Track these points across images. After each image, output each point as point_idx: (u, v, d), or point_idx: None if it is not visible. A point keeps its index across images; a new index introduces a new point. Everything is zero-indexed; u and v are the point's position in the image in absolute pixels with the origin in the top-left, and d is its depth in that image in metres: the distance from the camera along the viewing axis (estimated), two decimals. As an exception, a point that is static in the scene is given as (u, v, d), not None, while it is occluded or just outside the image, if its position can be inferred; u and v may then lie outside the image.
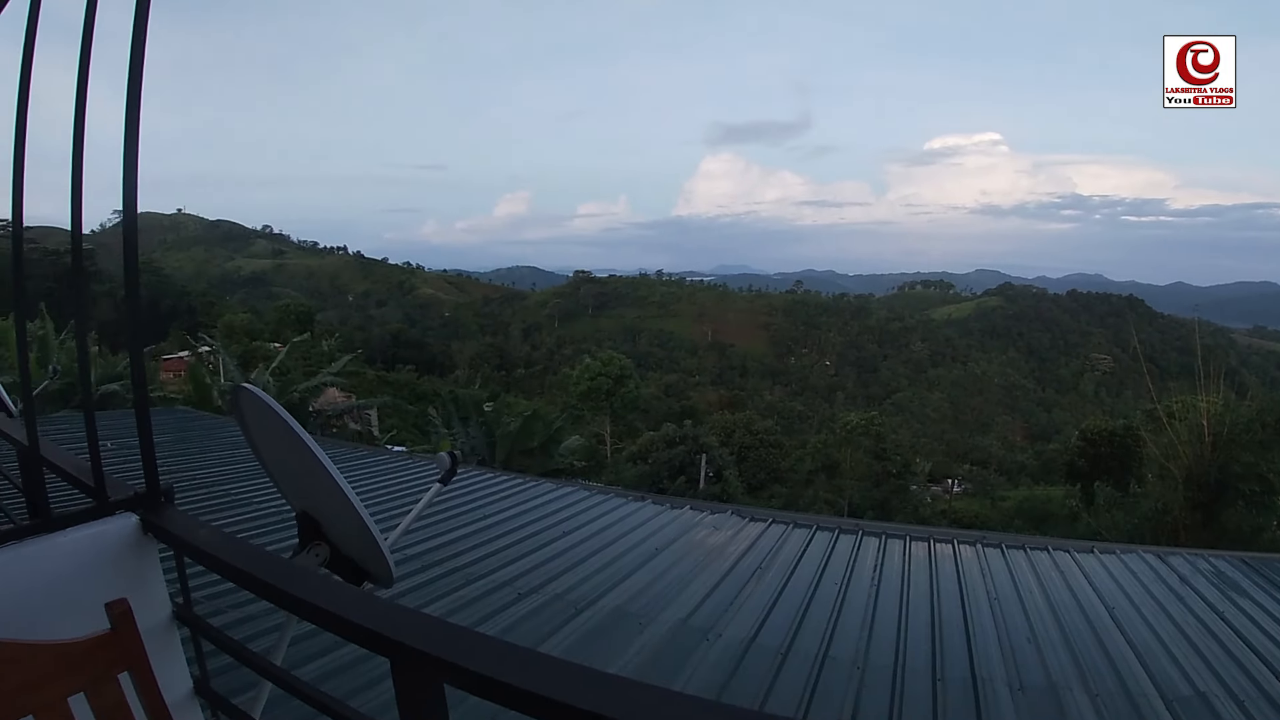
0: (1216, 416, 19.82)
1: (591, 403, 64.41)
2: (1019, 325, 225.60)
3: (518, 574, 7.81)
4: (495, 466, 21.42)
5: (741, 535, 10.21)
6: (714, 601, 7.54)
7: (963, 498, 68.28)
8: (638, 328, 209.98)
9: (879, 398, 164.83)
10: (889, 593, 8.27)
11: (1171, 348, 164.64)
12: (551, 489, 11.87)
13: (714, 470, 43.96)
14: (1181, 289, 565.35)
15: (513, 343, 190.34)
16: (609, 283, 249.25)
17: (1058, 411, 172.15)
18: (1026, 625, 7.67)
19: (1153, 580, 9.72)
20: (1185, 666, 7.01)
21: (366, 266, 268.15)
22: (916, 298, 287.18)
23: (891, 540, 10.41)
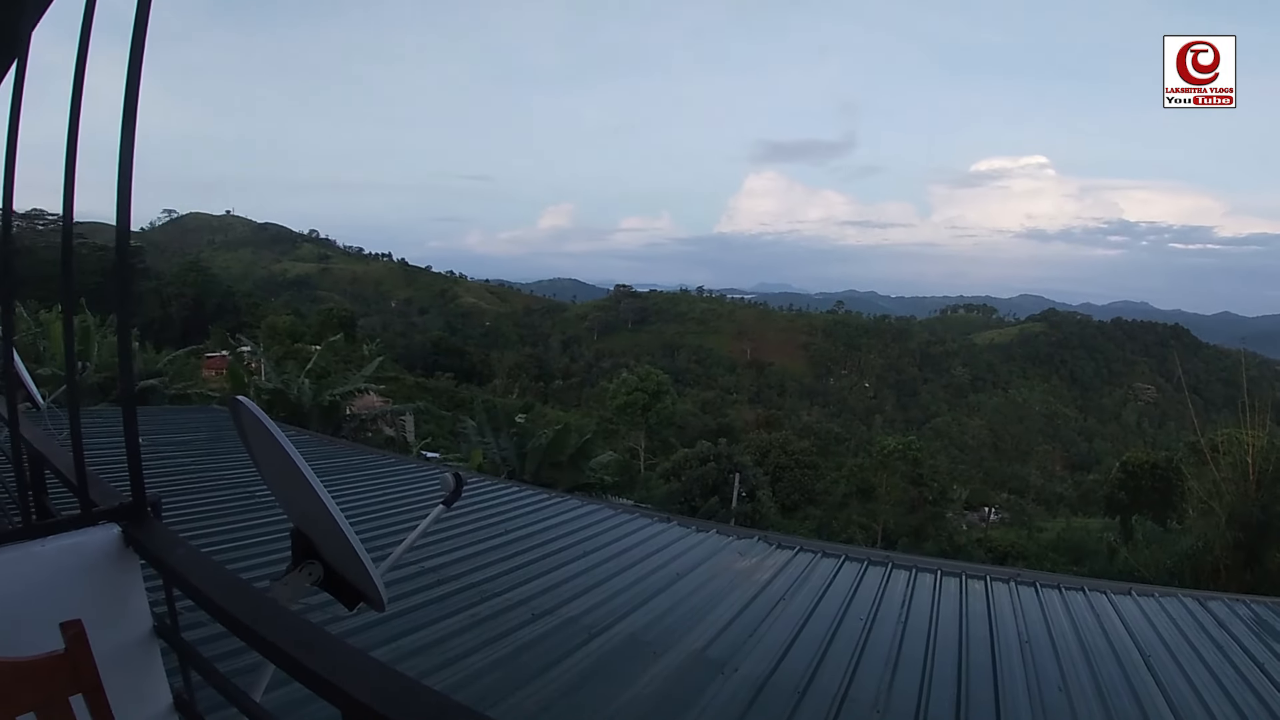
0: (1261, 453, 19.33)
1: (627, 417, 64.32)
2: (1062, 352, 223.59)
3: (534, 593, 7.66)
4: (525, 479, 21.35)
5: (767, 563, 9.99)
6: (733, 632, 7.33)
7: (999, 527, 67.61)
8: (677, 343, 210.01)
9: (918, 422, 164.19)
10: (916, 631, 8.01)
11: (1216, 379, 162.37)
12: (576, 506, 11.73)
13: (747, 490, 43.66)
14: (1228, 319, 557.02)
15: (552, 354, 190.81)
16: (649, 297, 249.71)
17: (1099, 441, 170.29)
18: (1058, 671, 7.39)
19: (1191, 626, 9.39)
20: (1221, 721, 6.72)
21: (410, 274, 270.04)
22: (958, 321, 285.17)
23: (922, 574, 10.15)
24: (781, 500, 57.42)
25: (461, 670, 5.74)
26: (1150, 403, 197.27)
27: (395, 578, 7.38)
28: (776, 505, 52.79)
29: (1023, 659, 7.55)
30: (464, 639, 6.33)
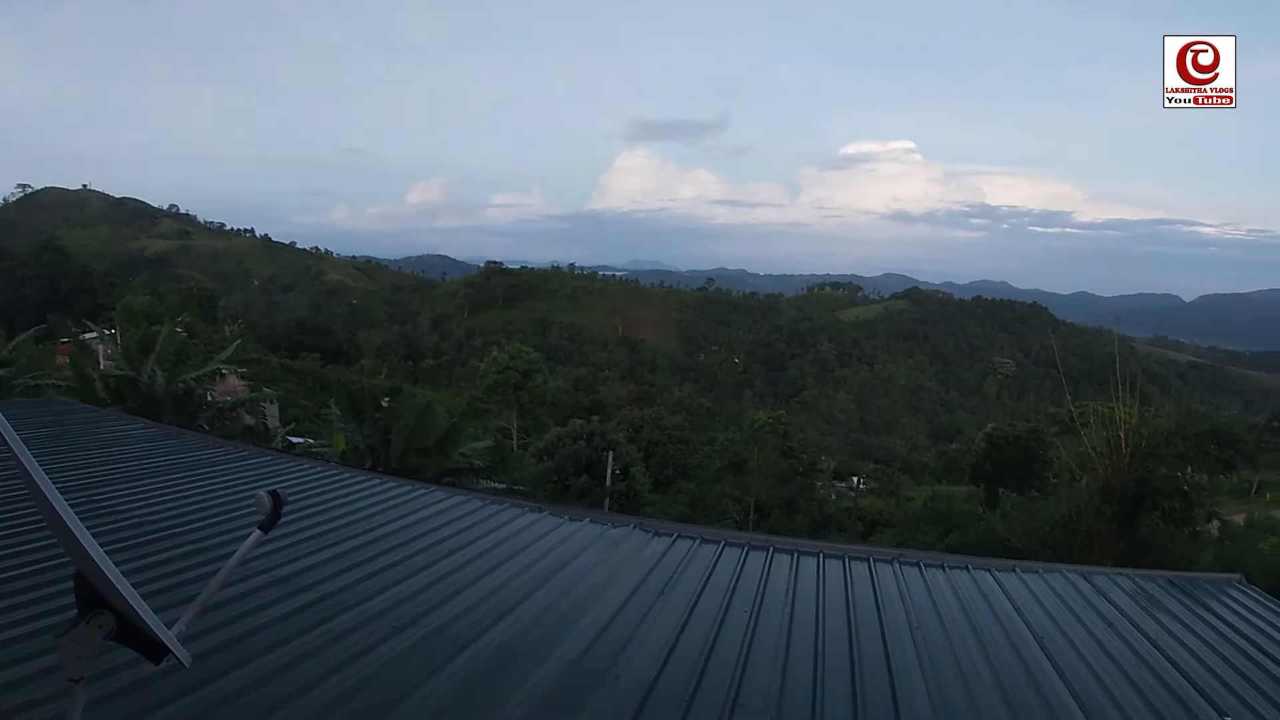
0: (1133, 427, 19.83)
1: (499, 396, 63.45)
2: (925, 329, 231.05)
3: (395, 601, 7.07)
4: (391, 466, 20.52)
5: (645, 552, 9.60)
6: (613, 634, 6.89)
7: (868, 495, 69.05)
8: (549, 320, 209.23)
9: (787, 396, 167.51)
10: (803, 622, 7.73)
11: (1074, 354, 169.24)
12: (443, 498, 11.08)
13: (620, 467, 43.38)
14: (1085, 298, 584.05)
15: (421, 333, 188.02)
16: (521, 274, 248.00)
17: (961, 413, 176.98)
18: (953, 659, 7.24)
19: (1078, 603, 9.45)
20: (1123, 704, 6.68)
21: (274, 250, 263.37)
22: (825, 299, 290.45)
23: (805, 558, 9.90)
24: (655, 475, 57.54)
25: (317, 698, 5.17)
26: (1010, 376, 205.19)
27: (245, 590, 6.79)
28: (650, 481, 52.84)
29: (916, 648, 7.37)
30: (320, 659, 5.75)
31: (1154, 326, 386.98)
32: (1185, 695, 7.00)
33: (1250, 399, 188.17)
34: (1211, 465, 21.23)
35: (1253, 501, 63.10)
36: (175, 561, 7.36)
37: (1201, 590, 10.50)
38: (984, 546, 23.17)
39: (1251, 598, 10.36)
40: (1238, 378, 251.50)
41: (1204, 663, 7.82)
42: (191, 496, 9.75)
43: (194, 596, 3.05)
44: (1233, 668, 7.77)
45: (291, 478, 11.48)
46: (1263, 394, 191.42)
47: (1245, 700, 7.04)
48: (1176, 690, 7.09)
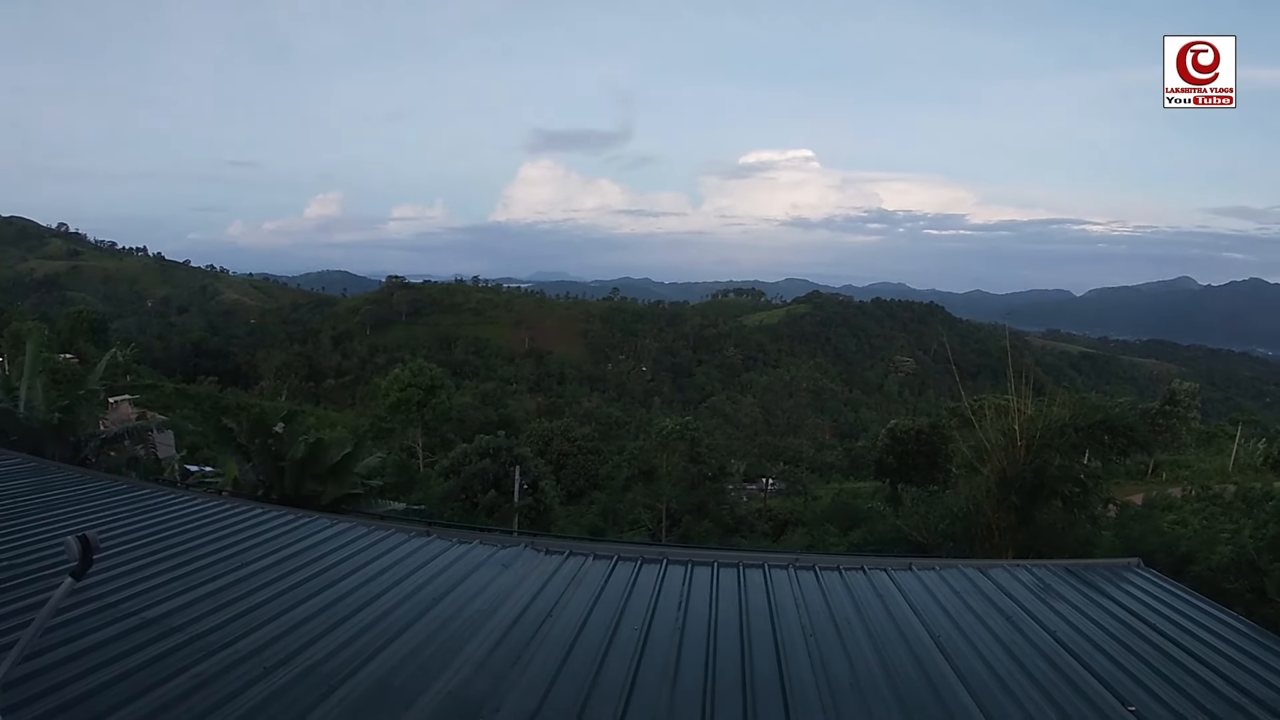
0: (1028, 419, 20.18)
1: (402, 414, 62.20)
2: (826, 331, 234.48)
3: (269, 640, 6.73)
4: (285, 494, 19.87)
5: (535, 572, 9.35)
6: (496, 662, 6.66)
7: (778, 496, 69.62)
8: (453, 335, 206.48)
9: (694, 402, 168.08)
10: (694, 637, 7.58)
11: (970, 350, 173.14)
12: (326, 526, 10.70)
13: (529, 481, 43.00)
14: (979, 296, 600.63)
15: (322, 351, 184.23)
16: (423, 289, 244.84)
17: (864, 411, 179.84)
18: (848, 666, 7.16)
19: (976, 598, 9.47)
20: (1023, 701, 6.66)
21: (168, 270, 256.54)
22: (729, 305, 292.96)
23: (699, 568, 9.77)
24: (567, 488, 57.34)
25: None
26: (910, 374, 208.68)
27: (111, 635, 6.46)
28: (561, 493, 52.59)
29: (810, 657, 7.27)
30: (183, 708, 5.43)
31: (1047, 321, 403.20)
32: (1087, 686, 7.01)
33: (1142, 385, 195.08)
34: (1105, 452, 21.78)
35: (1150, 482, 65.15)
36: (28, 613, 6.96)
37: (1100, 577, 10.61)
38: (889, 541, 23.40)
39: (1150, 581, 10.52)
40: (1130, 365, 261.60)
41: (1105, 651, 7.87)
42: (54, 536, 9.24)
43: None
44: (1134, 654, 7.84)
45: (168, 512, 10.98)
46: (1153, 380, 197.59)
47: (1148, 686, 7.09)
48: (1078, 682, 7.11)
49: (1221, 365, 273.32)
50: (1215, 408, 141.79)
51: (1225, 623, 9.00)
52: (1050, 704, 6.62)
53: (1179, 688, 7.08)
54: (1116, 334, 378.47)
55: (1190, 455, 79.12)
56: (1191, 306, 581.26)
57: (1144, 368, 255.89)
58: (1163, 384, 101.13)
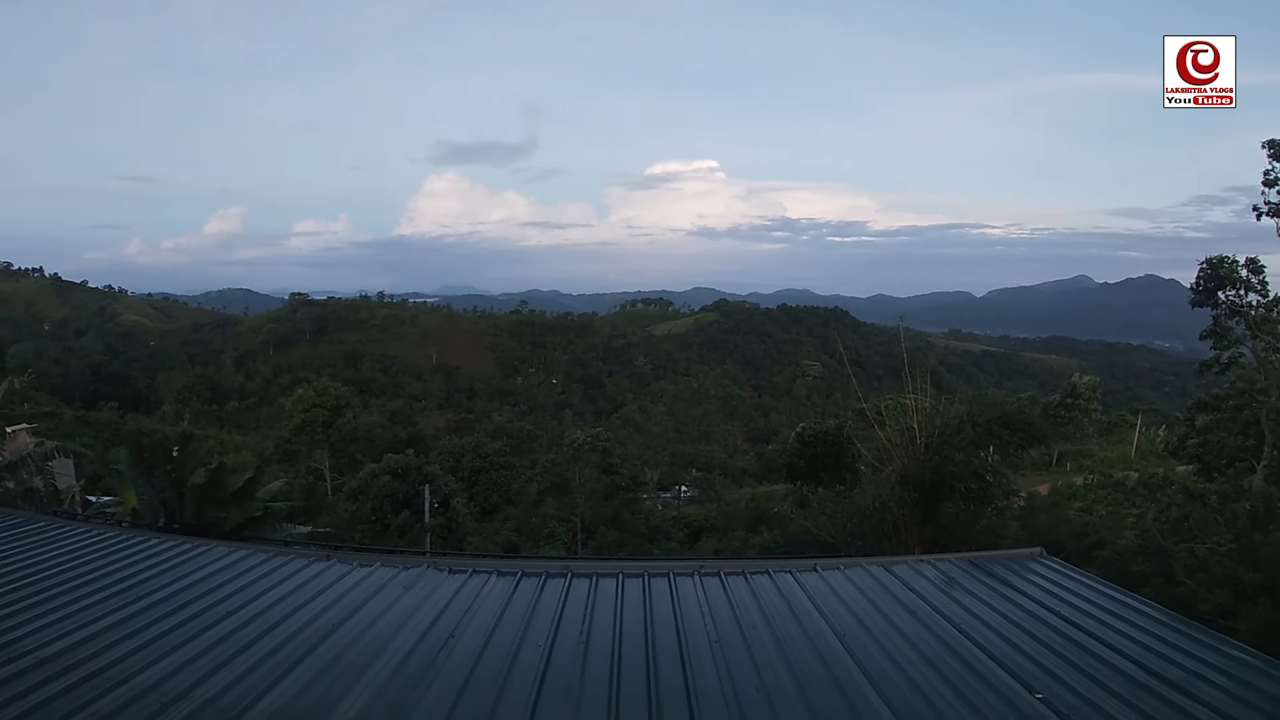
0: (927, 417, 20.52)
1: (307, 436, 60.91)
2: (735, 338, 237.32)
3: (166, 674, 6.53)
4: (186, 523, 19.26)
5: (436, 594, 9.16)
6: (397, 688, 6.53)
7: (692, 503, 69.80)
8: (359, 352, 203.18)
9: (606, 412, 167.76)
10: (599, 652, 7.52)
11: (876, 353, 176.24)
12: (225, 554, 10.37)
13: (440, 500, 42.39)
14: (883, 300, 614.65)
15: (225, 373, 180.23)
16: (328, 305, 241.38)
17: (774, 415, 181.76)
18: (754, 673, 7.13)
19: (881, 595, 9.53)
20: (932, 697, 6.71)
21: (65, 291, 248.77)
22: (638, 315, 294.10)
23: (604, 580, 9.67)
24: (480, 504, 56.84)
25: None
26: (818, 377, 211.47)
27: (4, 676, 6.28)
28: (475, 510, 52.11)
29: (715, 664, 7.24)
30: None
31: (949, 321, 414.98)
32: (993, 676, 7.09)
33: (1044, 380, 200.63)
34: (1005, 446, 22.22)
35: (1055, 472, 66.88)
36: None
37: (1004, 568, 10.77)
38: (799, 543, 23.57)
39: (1054, 569, 10.71)
40: (1031, 362, 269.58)
41: (1010, 641, 7.97)
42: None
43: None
44: (1039, 642, 7.95)
45: (64, 544, 10.63)
46: (1054, 375, 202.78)
47: (1054, 673, 7.19)
48: (984, 673, 7.18)
49: (1120, 358, 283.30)
50: (1116, 399, 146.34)
51: (1131, 606, 9.21)
52: (957, 696, 6.69)
53: (1085, 672, 7.20)
54: (1017, 332, 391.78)
55: (1093, 445, 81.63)
56: (1089, 304, 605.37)
57: (1045, 363, 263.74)
58: (1064, 378, 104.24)
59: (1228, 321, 29.43)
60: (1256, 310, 28.48)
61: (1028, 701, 6.63)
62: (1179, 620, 8.91)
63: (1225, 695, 6.79)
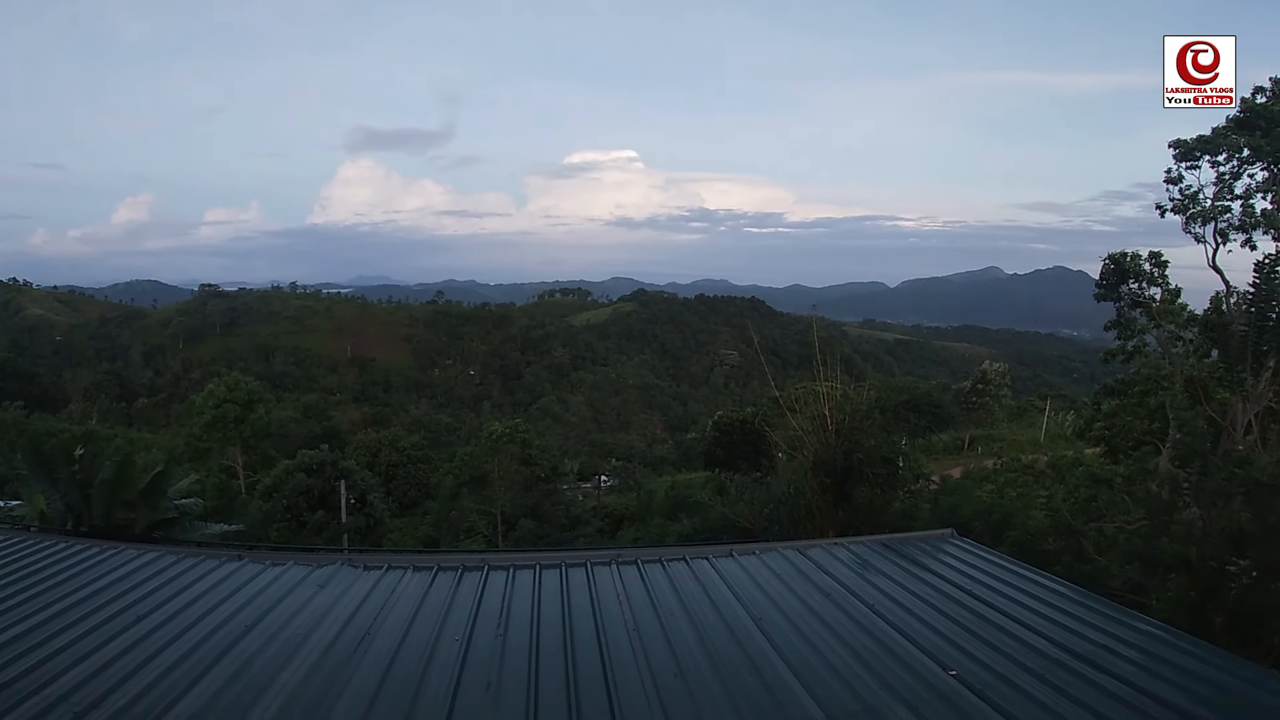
0: (838, 404, 20.86)
1: (219, 432, 59.49)
2: (653, 328, 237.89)
3: (77, 683, 6.36)
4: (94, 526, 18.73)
5: (352, 592, 9.01)
6: (311, 690, 6.42)
7: (612, 493, 69.95)
8: (271, 345, 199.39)
9: (525, 404, 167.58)
10: (517, 644, 7.49)
11: (792, 341, 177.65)
12: (134, 556, 10.06)
13: (356, 496, 41.85)
14: (799, 290, 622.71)
15: (134, 369, 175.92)
16: (239, 297, 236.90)
17: (693, 404, 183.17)
18: (671, 657, 7.18)
19: (796, 578, 9.63)
20: (847, 676, 6.81)
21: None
22: (556, 305, 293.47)
23: (521, 572, 9.62)
24: (398, 499, 56.38)
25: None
26: (735, 366, 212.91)
27: None
28: (393, 505, 51.67)
29: (633, 652, 7.27)
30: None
31: (864, 311, 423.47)
32: (907, 655, 7.24)
33: (955, 368, 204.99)
34: (914, 430, 22.75)
35: (967, 456, 68.41)
36: None
37: (916, 549, 10.98)
38: (718, 530, 23.80)
39: (964, 549, 10.99)
40: (943, 350, 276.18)
41: (923, 620, 8.15)
42: None
43: None
44: (952, 620, 8.14)
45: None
46: (965, 362, 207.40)
47: (966, 650, 7.36)
48: (898, 651, 7.32)
49: (1029, 346, 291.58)
50: (1025, 385, 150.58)
51: (1041, 584, 9.46)
52: (872, 675, 6.81)
53: (997, 648, 7.38)
54: (930, 321, 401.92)
55: (1004, 430, 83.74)
56: (1000, 294, 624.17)
57: (956, 351, 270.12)
58: (974, 365, 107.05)
59: (1130, 313, 30.62)
60: (1159, 303, 29.64)
61: (942, 678, 6.77)
62: (1089, 597, 9.19)
63: (1136, 668, 7.02)
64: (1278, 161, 28.40)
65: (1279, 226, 28.17)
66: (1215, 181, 29.11)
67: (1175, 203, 29.08)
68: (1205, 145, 29.43)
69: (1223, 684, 6.91)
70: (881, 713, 6.20)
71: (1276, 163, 28.47)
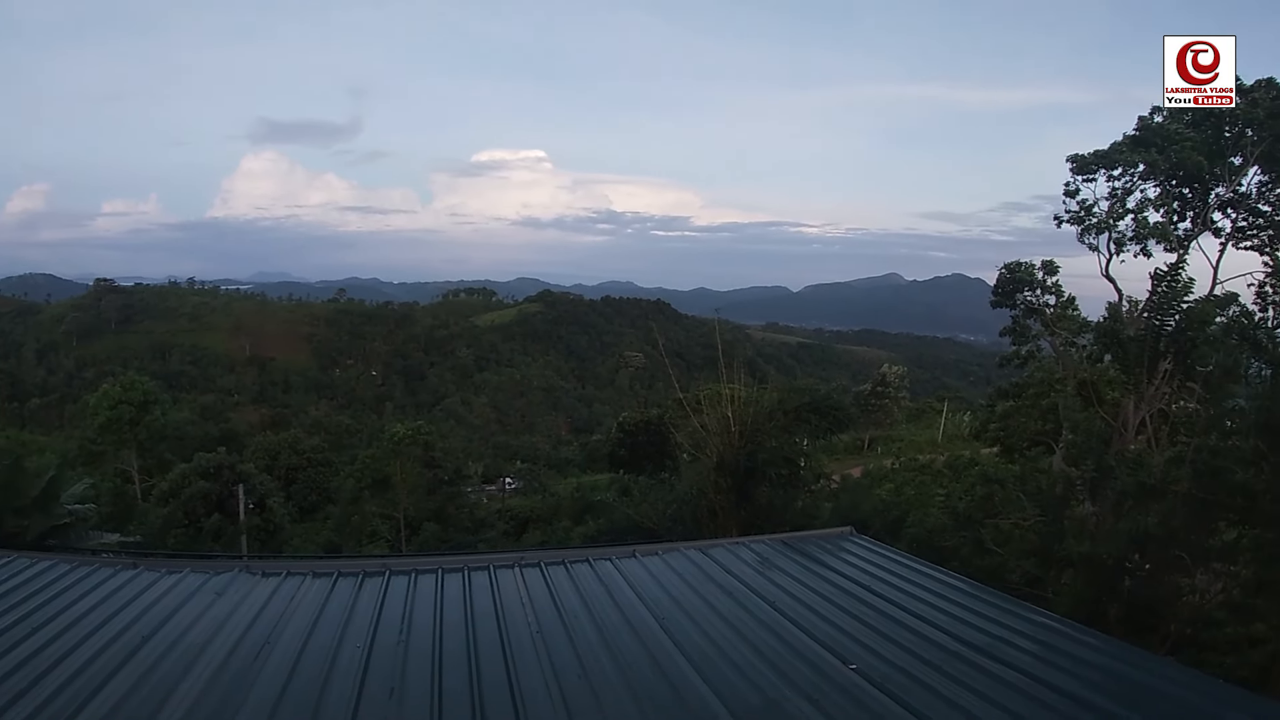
0: (741, 405, 21.12)
1: (114, 435, 57.71)
2: (558, 329, 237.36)
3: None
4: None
5: (250, 599, 8.77)
6: (209, 702, 6.22)
7: (517, 495, 69.75)
8: (168, 344, 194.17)
9: (428, 405, 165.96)
10: (419, 650, 7.40)
11: (696, 344, 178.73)
12: (26, 566, 9.57)
13: (255, 500, 41.08)
14: (704, 293, 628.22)
15: (26, 367, 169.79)
16: (135, 292, 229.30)
17: (598, 406, 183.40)
18: (576, 660, 7.18)
19: (700, 580, 9.73)
20: (749, 672, 6.89)
21: None
22: (461, 305, 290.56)
23: (423, 576, 9.53)
24: (298, 503, 55.46)
25: None
26: (640, 368, 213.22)
27: None
28: (293, 509, 50.84)
29: (538, 656, 7.25)
30: None
31: (767, 315, 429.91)
32: (809, 651, 7.36)
33: (856, 371, 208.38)
34: (814, 431, 23.19)
35: (866, 456, 69.87)
36: None
37: (816, 547, 11.18)
38: (623, 531, 23.93)
39: (863, 546, 11.25)
40: (844, 353, 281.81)
41: (824, 616, 8.30)
42: None
43: None
44: (852, 616, 8.30)
45: None
46: (865, 365, 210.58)
47: (867, 644, 7.51)
48: (799, 648, 7.45)
49: (928, 350, 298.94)
50: (923, 387, 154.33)
51: (939, 579, 9.72)
52: (775, 672, 6.92)
53: (897, 642, 7.55)
54: (831, 325, 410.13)
55: (903, 430, 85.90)
56: (899, 299, 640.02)
57: (857, 354, 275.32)
58: (874, 368, 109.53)
59: (1025, 320, 31.89)
60: (1053, 311, 30.86)
61: (842, 673, 6.89)
62: (986, 591, 9.47)
63: (1033, 658, 7.23)
64: (1171, 178, 30.03)
65: (1170, 239, 29.74)
66: (1110, 195, 30.69)
67: (1072, 214, 30.69)
68: (1102, 160, 31.03)
69: (1117, 672, 7.21)
70: (783, 707, 6.28)
71: (1169, 179, 30.10)
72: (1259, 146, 28.86)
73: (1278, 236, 30.28)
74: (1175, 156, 28.71)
